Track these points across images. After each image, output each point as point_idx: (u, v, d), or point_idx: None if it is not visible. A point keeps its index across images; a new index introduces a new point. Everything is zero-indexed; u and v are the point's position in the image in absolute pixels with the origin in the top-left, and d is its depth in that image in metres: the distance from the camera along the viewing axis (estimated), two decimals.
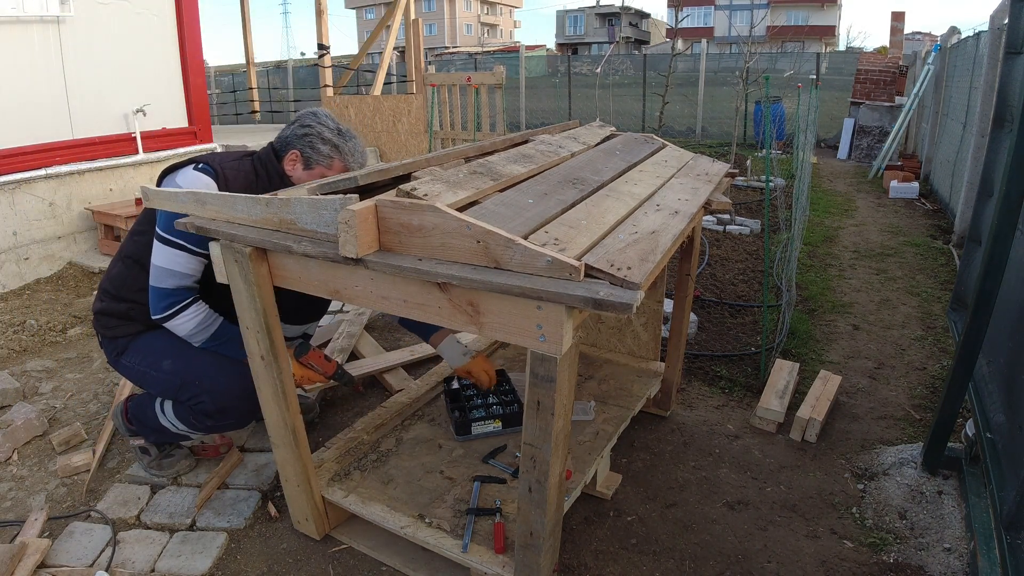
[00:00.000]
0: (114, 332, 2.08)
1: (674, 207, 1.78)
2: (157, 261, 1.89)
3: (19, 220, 4.09)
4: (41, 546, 1.87)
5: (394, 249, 1.38)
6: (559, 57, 29.37)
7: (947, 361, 3.21)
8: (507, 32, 62.58)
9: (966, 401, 2.13)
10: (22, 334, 3.34)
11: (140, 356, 2.05)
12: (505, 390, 2.40)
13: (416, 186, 1.46)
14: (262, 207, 1.52)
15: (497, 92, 6.53)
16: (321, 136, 1.96)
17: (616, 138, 2.47)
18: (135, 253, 2.02)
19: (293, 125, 2.01)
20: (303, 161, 1.98)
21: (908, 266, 4.80)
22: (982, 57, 5.31)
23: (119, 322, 2.07)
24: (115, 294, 2.06)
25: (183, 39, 5.19)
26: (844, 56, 16.57)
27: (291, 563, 1.90)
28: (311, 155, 1.97)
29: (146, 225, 1.99)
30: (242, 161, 2.01)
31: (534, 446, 1.42)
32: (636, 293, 1.20)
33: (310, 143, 1.96)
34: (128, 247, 2.06)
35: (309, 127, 1.97)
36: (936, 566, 1.90)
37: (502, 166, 1.76)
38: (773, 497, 2.22)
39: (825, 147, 11.37)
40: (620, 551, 1.97)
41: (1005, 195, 1.78)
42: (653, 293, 2.61)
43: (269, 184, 1.98)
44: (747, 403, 2.82)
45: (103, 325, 2.09)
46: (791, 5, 41.67)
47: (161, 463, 2.24)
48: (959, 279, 2.50)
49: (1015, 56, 2.22)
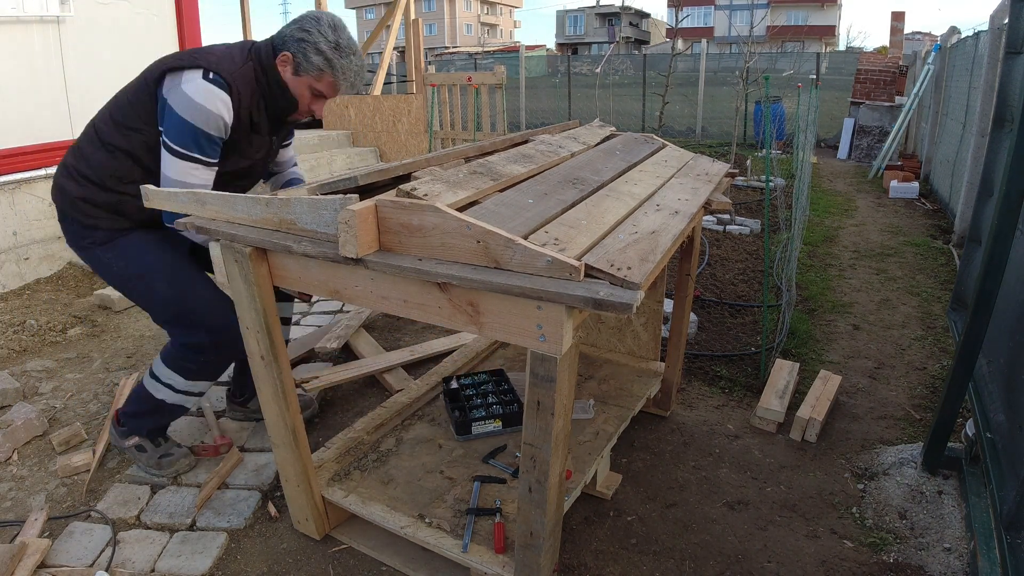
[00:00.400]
0: (96, 222, 1.98)
1: (674, 207, 1.78)
2: (169, 172, 1.83)
3: (19, 220, 4.09)
4: (41, 546, 1.87)
5: (394, 249, 1.38)
6: (559, 57, 29.38)
7: (947, 361, 3.21)
8: (507, 32, 62.58)
9: (966, 401, 2.13)
10: (22, 334, 3.34)
11: (127, 261, 1.97)
12: (505, 390, 2.40)
13: (416, 186, 1.46)
14: (262, 207, 1.52)
15: (497, 92, 6.52)
16: (317, 46, 1.87)
17: (616, 138, 2.47)
18: (128, 147, 1.93)
19: (294, 25, 1.92)
20: (293, 66, 1.91)
21: (908, 266, 4.80)
22: (982, 57, 5.31)
23: (106, 215, 1.98)
24: (100, 183, 1.95)
25: (183, 39, 5.19)
26: (844, 56, 16.58)
27: (291, 563, 1.90)
28: (302, 62, 1.89)
29: (138, 122, 1.91)
30: (245, 65, 1.92)
31: (534, 446, 1.42)
32: (636, 293, 1.20)
33: (303, 50, 1.88)
34: (116, 138, 1.94)
35: (307, 33, 1.88)
36: (936, 566, 1.90)
37: (502, 166, 1.77)
38: (773, 497, 2.22)
39: (825, 147, 11.36)
40: (620, 551, 1.97)
41: (1005, 195, 1.78)
42: (653, 293, 2.61)
43: (269, 92, 1.94)
44: (747, 403, 2.82)
45: (82, 212, 1.98)
46: (791, 5, 41.67)
47: (160, 462, 2.22)
48: (959, 279, 2.50)
49: (1015, 56, 2.22)
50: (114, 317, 3.61)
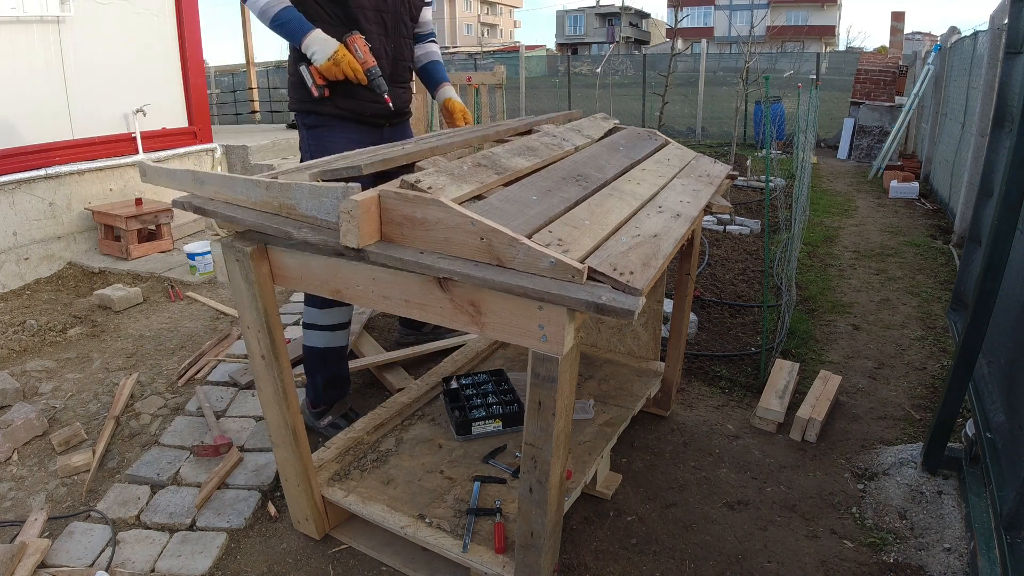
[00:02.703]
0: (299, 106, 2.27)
1: (676, 210, 1.78)
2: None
3: (19, 220, 4.09)
4: (41, 546, 1.87)
5: (396, 241, 1.37)
6: (559, 57, 29.37)
7: (947, 361, 3.21)
8: (507, 32, 62.56)
9: (966, 401, 2.13)
10: (22, 334, 3.34)
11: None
12: (505, 390, 2.40)
13: (420, 178, 1.45)
14: (262, 190, 1.48)
15: (497, 92, 6.51)
16: None
17: (619, 132, 2.45)
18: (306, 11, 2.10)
19: None
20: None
21: (908, 266, 4.80)
22: (982, 57, 5.31)
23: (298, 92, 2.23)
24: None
25: (183, 39, 5.19)
26: (844, 56, 16.59)
27: (291, 563, 1.90)
28: None
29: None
30: None
31: (535, 446, 1.42)
32: (638, 299, 1.20)
33: None
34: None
35: None
36: (936, 566, 1.90)
37: (506, 159, 1.76)
38: (773, 497, 2.22)
39: (825, 147, 11.36)
40: (620, 551, 1.97)
41: (1005, 195, 1.78)
42: (653, 293, 2.61)
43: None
44: (747, 403, 2.82)
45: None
46: (791, 5, 41.67)
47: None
48: (959, 279, 2.50)
49: (1015, 56, 2.22)
50: (114, 317, 3.61)
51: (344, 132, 2.25)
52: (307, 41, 2.05)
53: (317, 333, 2.34)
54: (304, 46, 2.06)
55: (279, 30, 2.06)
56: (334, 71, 2.07)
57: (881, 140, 9.56)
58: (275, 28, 2.07)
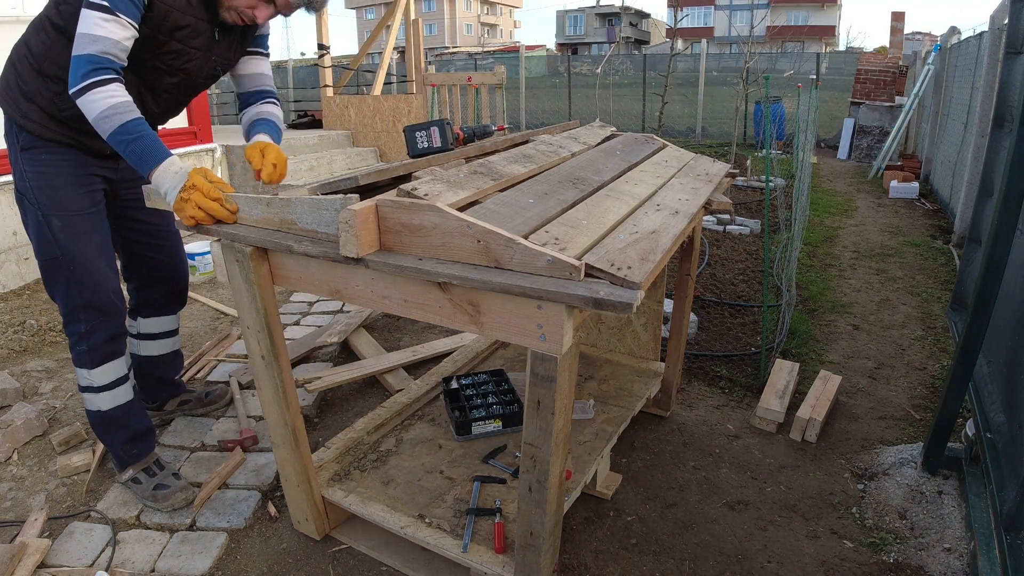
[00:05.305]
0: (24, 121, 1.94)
1: (674, 207, 1.78)
2: (82, 28, 1.68)
3: (19, 220, 4.08)
4: (41, 546, 1.87)
5: (395, 249, 1.38)
6: (559, 57, 29.38)
7: (947, 361, 3.21)
8: (507, 32, 62.58)
9: (966, 401, 2.13)
10: (22, 334, 3.34)
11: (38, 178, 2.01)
12: (505, 390, 2.40)
13: (417, 186, 1.46)
14: (263, 207, 1.52)
15: (497, 92, 6.52)
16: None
17: (616, 138, 2.47)
18: (64, 25, 1.82)
19: None
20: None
21: (908, 266, 4.80)
22: (982, 57, 5.31)
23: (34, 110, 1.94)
24: (40, 70, 1.92)
25: None
26: (844, 56, 16.58)
27: (291, 563, 1.90)
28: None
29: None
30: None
31: (534, 446, 1.42)
32: (636, 293, 1.20)
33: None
34: (54, 16, 1.86)
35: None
36: (936, 566, 1.90)
37: (502, 166, 1.77)
38: (773, 497, 2.22)
39: (825, 147, 11.37)
40: (620, 551, 1.97)
41: (1005, 195, 1.78)
42: (653, 293, 2.61)
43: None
44: (747, 403, 2.82)
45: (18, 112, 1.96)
46: (791, 5, 41.67)
47: (154, 494, 2.08)
48: (959, 279, 2.50)
49: (1015, 56, 2.22)
50: None
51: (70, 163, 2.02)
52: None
53: (95, 395, 2.05)
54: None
55: (128, 147, 1.67)
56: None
57: (881, 140, 9.57)
58: (122, 141, 1.67)
